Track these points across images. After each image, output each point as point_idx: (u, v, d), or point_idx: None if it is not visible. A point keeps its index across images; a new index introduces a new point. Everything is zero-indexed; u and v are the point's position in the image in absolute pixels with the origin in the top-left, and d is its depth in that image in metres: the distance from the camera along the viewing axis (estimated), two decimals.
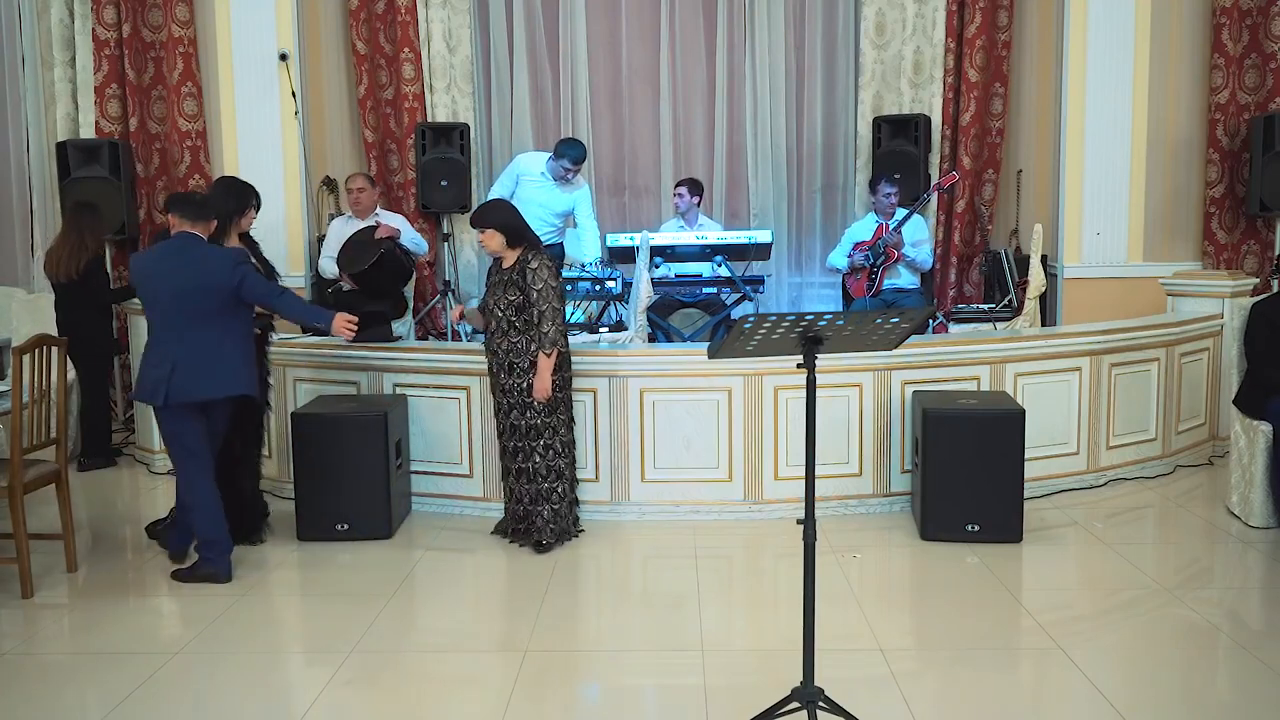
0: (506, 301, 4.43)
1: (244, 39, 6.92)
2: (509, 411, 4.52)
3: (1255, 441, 4.63)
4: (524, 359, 4.44)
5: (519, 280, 4.40)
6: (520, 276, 4.40)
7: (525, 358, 4.44)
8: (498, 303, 4.46)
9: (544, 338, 4.37)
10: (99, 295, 6.01)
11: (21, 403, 3.99)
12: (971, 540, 4.48)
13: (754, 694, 3.02)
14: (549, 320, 4.38)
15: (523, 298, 4.40)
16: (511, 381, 4.48)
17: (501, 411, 4.57)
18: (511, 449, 4.54)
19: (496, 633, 3.77)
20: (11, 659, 3.52)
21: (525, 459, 4.52)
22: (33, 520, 4.22)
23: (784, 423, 4.89)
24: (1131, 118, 6.79)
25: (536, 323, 4.39)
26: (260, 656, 3.56)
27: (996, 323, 6.56)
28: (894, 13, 7.34)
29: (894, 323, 2.70)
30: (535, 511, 4.52)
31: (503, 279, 4.47)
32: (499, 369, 4.52)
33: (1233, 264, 6.89)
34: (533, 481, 4.52)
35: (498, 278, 4.52)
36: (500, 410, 4.58)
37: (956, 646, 3.55)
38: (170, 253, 4.15)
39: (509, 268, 4.46)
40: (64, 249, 5.92)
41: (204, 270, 4.09)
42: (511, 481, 4.60)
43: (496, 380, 4.56)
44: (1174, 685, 3.29)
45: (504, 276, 4.47)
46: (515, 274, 4.42)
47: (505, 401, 4.52)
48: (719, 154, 7.79)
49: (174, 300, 4.07)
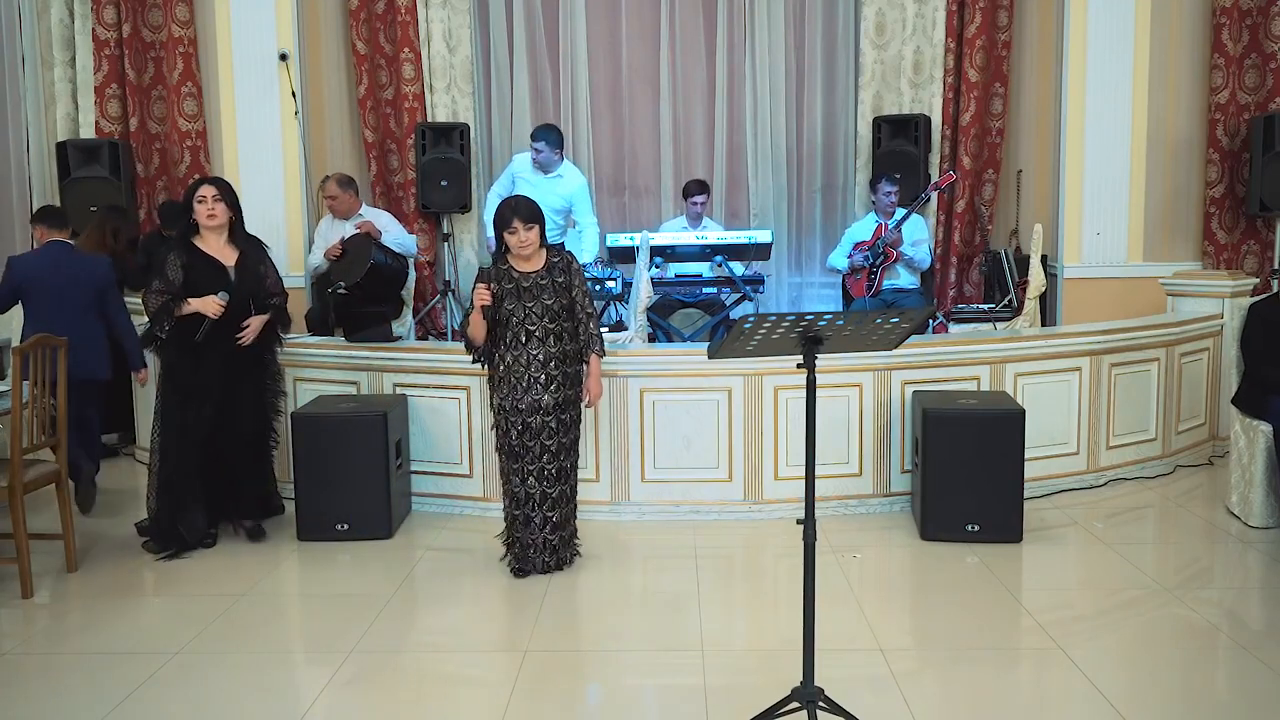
0: (544, 307, 4.08)
1: (244, 39, 6.92)
2: (554, 431, 4.12)
3: (1255, 441, 4.62)
4: (569, 367, 4.13)
5: (559, 281, 4.10)
6: (563, 277, 4.10)
7: (570, 365, 4.14)
8: (527, 311, 4.08)
9: (597, 339, 4.16)
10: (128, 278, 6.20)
11: (21, 403, 3.99)
12: (971, 540, 4.48)
13: (754, 694, 3.02)
14: (597, 320, 4.19)
15: (562, 301, 4.10)
16: (563, 394, 4.11)
17: (530, 433, 4.11)
18: (554, 471, 4.16)
19: (496, 633, 3.77)
20: (11, 659, 3.52)
21: (565, 479, 4.21)
22: (33, 520, 4.22)
23: (784, 423, 4.89)
24: (1131, 118, 6.80)
25: (583, 324, 4.14)
26: (260, 656, 3.56)
27: (996, 323, 6.56)
28: (894, 13, 7.34)
29: (894, 323, 2.70)
30: (565, 535, 4.27)
31: (536, 283, 4.09)
32: (532, 383, 4.08)
33: (1233, 264, 6.90)
34: (570, 503, 4.26)
35: (523, 284, 4.09)
36: (529, 431, 4.11)
37: (956, 646, 3.55)
38: (48, 257, 5.00)
39: (536, 271, 4.10)
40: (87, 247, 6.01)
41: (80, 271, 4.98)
42: (546, 510, 4.16)
43: (522, 396, 4.10)
44: (1174, 685, 3.29)
45: (534, 281, 4.09)
46: (554, 276, 4.10)
47: (538, 420, 4.10)
48: (719, 154, 7.79)
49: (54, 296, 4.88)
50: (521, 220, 4.05)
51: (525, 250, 4.08)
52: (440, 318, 7.47)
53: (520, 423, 4.10)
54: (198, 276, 4.41)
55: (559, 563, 4.25)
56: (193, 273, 4.41)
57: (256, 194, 7.04)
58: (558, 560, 4.24)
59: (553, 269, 4.12)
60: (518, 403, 4.09)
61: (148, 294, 4.41)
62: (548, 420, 4.10)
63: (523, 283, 4.09)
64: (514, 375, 4.10)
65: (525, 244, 4.06)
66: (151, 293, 4.42)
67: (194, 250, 4.47)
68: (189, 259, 4.44)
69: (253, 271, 4.54)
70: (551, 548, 4.22)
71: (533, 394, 4.08)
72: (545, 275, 4.11)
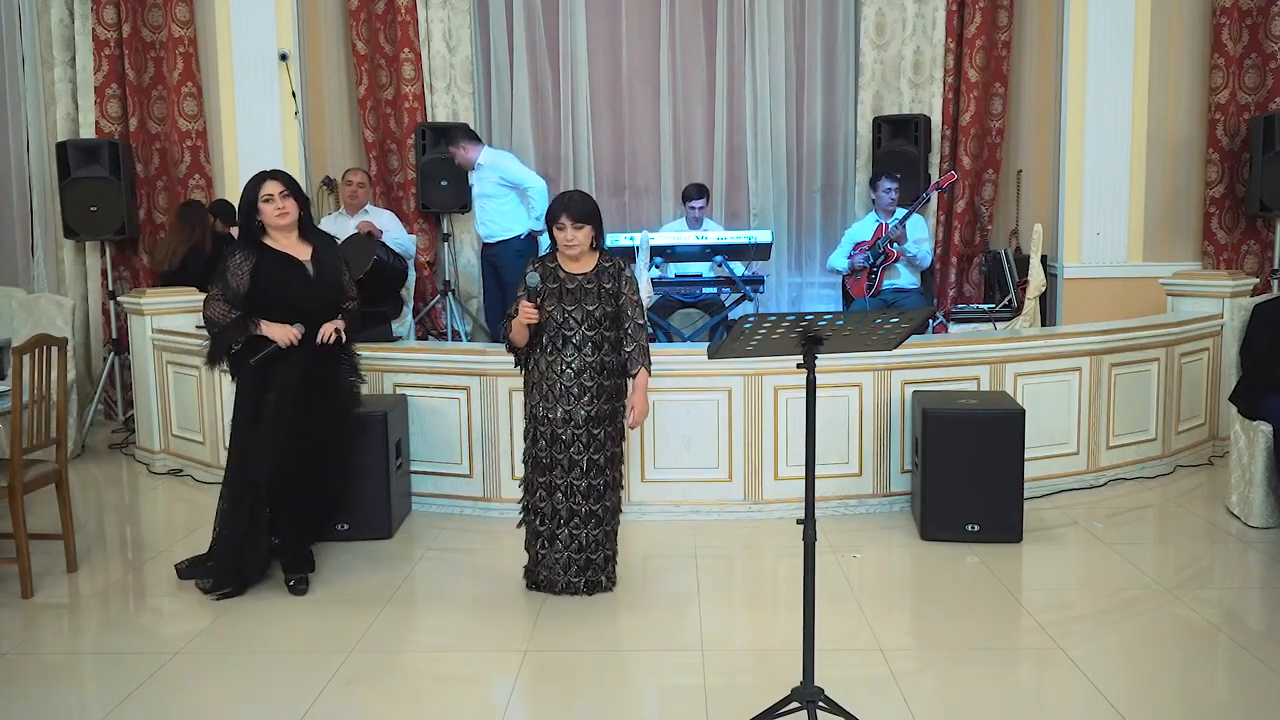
0: (585, 313, 3.81)
1: (244, 39, 6.93)
2: (585, 445, 3.85)
3: (1255, 441, 4.62)
4: (607, 379, 3.85)
5: (607, 287, 3.83)
6: (611, 283, 3.84)
7: (610, 378, 3.86)
8: (567, 315, 3.82)
9: (643, 351, 3.85)
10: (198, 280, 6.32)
11: (21, 403, 3.99)
12: (971, 540, 4.48)
13: (754, 694, 3.02)
14: (645, 333, 3.89)
15: (606, 309, 3.83)
16: (597, 408, 3.84)
17: (560, 445, 3.86)
18: (585, 489, 3.87)
19: (496, 633, 3.77)
20: (11, 659, 3.52)
21: (598, 499, 3.90)
22: (33, 520, 4.21)
23: (784, 423, 4.89)
24: (1131, 118, 6.80)
25: (629, 335, 3.85)
26: (260, 656, 3.56)
27: (996, 323, 6.56)
28: (894, 13, 7.34)
29: (894, 323, 2.70)
30: (595, 558, 3.96)
31: (581, 286, 3.83)
32: (565, 393, 3.83)
33: (1233, 264, 6.90)
34: (601, 525, 3.93)
35: (567, 286, 3.84)
36: (559, 443, 3.86)
37: (956, 646, 3.55)
38: None
39: (584, 273, 3.85)
40: (174, 241, 6.57)
41: None
42: (573, 529, 3.89)
43: (554, 405, 3.84)
44: (1174, 685, 3.29)
45: (579, 284, 3.83)
46: (604, 280, 3.84)
47: (569, 432, 3.84)
48: (719, 154, 7.79)
49: None
50: (571, 218, 3.78)
51: (572, 250, 3.82)
52: (440, 318, 7.47)
53: (550, 433, 3.85)
54: (270, 279, 3.94)
55: (587, 585, 3.95)
56: (264, 276, 3.94)
57: None
58: (585, 582, 3.94)
59: (602, 273, 3.85)
60: (549, 412, 3.84)
61: (209, 299, 4.01)
62: (579, 434, 3.83)
63: (568, 284, 3.83)
64: (547, 382, 3.85)
65: (572, 243, 3.79)
66: (213, 299, 3.99)
67: (264, 248, 3.99)
68: (259, 259, 3.96)
69: (331, 268, 4.09)
70: (578, 567, 3.92)
71: (564, 404, 3.82)
72: (593, 279, 3.84)
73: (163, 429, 5.91)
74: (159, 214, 7.16)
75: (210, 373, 5.41)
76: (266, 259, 3.97)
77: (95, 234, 6.90)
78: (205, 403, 5.60)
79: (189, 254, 6.55)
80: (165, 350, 5.82)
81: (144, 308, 5.87)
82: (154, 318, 5.87)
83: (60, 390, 4.30)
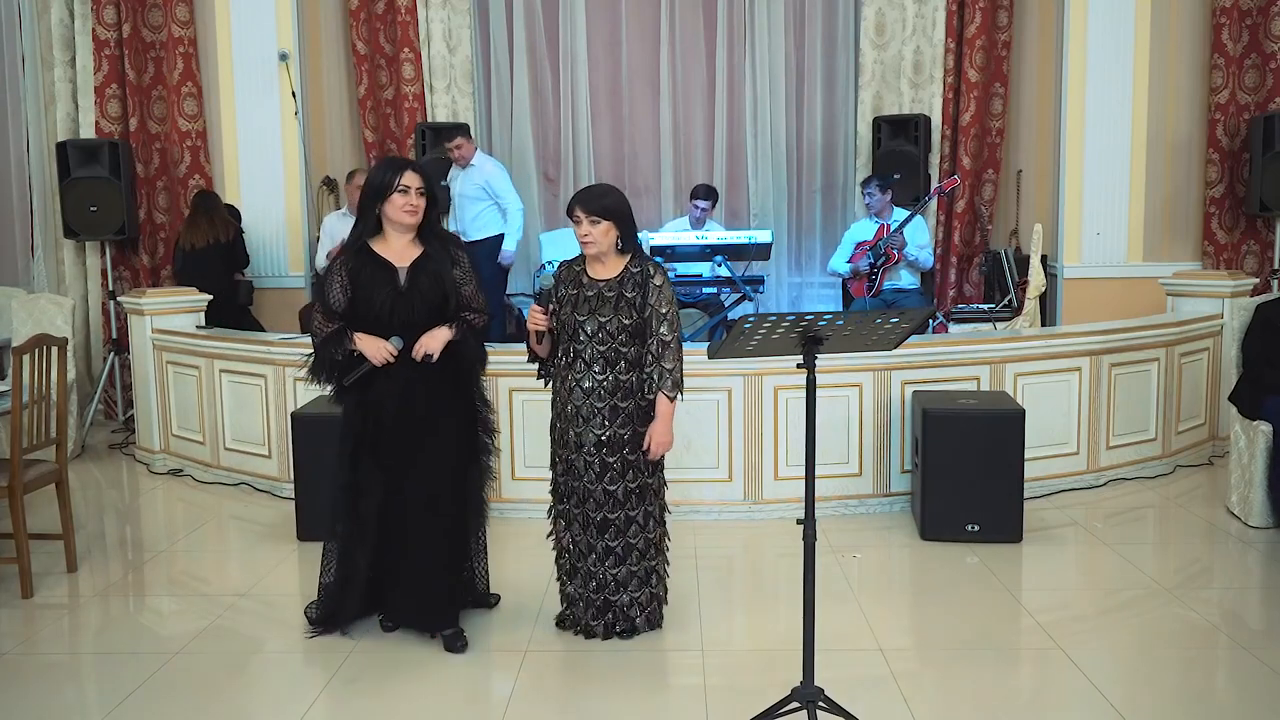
0: (598, 324, 3.37)
1: (244, 39, 6.93)
2: (600, 474, 3.43)
3: (1255, 441, 4.62)
4: (622, 401, 3.40)
5: (632, 296, 3.37)
6: (635, 292, 3.37)
7: (625, 400, 3.41)
8: (579, 325, 3.39)
9: (670, 376, 3.38)
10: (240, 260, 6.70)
11: (21, 403, 3.99)
12: (971, 540, 4.48)
13: (754, 694, 3.02)
14: (676, 355, 3.39)
15: (623, 321, 3.36)
16: (611, 432, 3.41)
17: (574, 473, 3.46)
18: (600, 522, 3.45)
19: (496, 633, 3.76)
20: (11, 659, 3.52)
21: (618, 535, 3.47)
22: (33, 520, 4.21)
23: (784, 423, 4.88)
24: (1131, 118, 6.80)
25: (656, 356, 3.38)
26: (260, 656, 3.56)
27: (996, 323, 6.56)
28: (894, 13, 7.34)
29: (894, 323, 2.70)
30: (618, 600, 3.54)
31: (601, 294, 3.38)
32: (575, 414, 3.42)
33: (1233, 264, 6.90)
34: (623, 563, 3.49)
35: (586, 293, 3.40)
36: (573, 471, 3.47)
37: (956, 646, 3.55)
38: None
39: (609, 280, 3.40)
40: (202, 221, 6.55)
41: None
42: (591, 565, 3.50)
43: (565, 428, 3.47)
44: (1174, 685, 3.29)
45: (599, 291, 3.39)
46: (627, 288, 3.38)
47: (581, 459, 3.44)
48: (719, 154, 7.80)
49: None
50: (585, 211, 3.35)
51: (587, 247, 3.39)
52: None
53: (565, 458, 3.48)
54: (360, 287, 3.44)
55: (605, 630, 3.54)
56: (358, 288, 3.44)
57: (256, 194, 7.07)
58: (603, 626, 3.54)
59: (626, 281, 3.38)
60: (563, 434, 3.48)
61: (309, 309, 3.61)
62: (591, 461, 3.42)
63: (586, 290, 3.40)
64: (560, 400, 3.47)
65: (586, 239, 3.37)
66: (313, 311, 3.61)
67: (363, 252, 3.47)
68: (356, 263, 3.45)
69: (432, 275, 3.46)
70: (595, 609, 3.53)
71: (575, 427, 3.42)
72: (614, 287, 3.38)
73: (163, 429, 5.91)
74: (159, 214, 7.17)
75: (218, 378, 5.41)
76: (362, 262, 3.46)
77: (95, 234, 6.90)
78: (205, 403, 5.60)
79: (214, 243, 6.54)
80: (165, 350, 5.83)
81: (144, 308, 5.87)
82: (154, 318, 5.87)
83: (60, 390, 4.30)
